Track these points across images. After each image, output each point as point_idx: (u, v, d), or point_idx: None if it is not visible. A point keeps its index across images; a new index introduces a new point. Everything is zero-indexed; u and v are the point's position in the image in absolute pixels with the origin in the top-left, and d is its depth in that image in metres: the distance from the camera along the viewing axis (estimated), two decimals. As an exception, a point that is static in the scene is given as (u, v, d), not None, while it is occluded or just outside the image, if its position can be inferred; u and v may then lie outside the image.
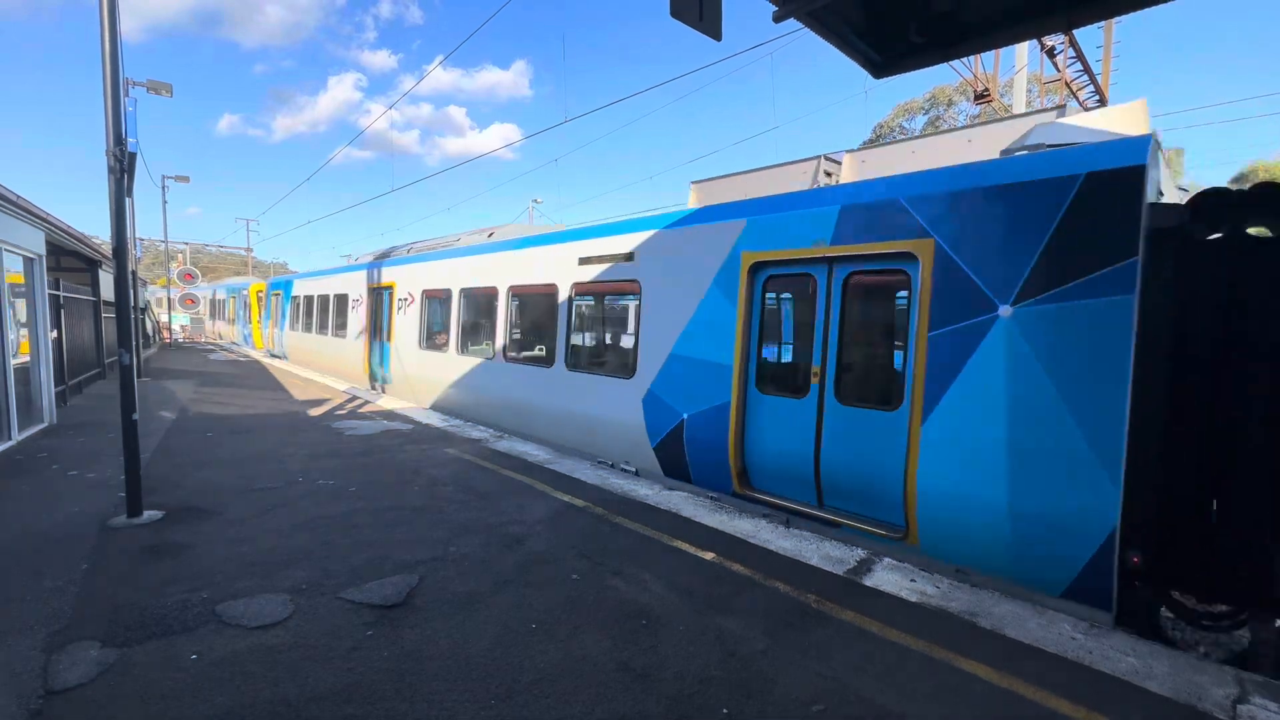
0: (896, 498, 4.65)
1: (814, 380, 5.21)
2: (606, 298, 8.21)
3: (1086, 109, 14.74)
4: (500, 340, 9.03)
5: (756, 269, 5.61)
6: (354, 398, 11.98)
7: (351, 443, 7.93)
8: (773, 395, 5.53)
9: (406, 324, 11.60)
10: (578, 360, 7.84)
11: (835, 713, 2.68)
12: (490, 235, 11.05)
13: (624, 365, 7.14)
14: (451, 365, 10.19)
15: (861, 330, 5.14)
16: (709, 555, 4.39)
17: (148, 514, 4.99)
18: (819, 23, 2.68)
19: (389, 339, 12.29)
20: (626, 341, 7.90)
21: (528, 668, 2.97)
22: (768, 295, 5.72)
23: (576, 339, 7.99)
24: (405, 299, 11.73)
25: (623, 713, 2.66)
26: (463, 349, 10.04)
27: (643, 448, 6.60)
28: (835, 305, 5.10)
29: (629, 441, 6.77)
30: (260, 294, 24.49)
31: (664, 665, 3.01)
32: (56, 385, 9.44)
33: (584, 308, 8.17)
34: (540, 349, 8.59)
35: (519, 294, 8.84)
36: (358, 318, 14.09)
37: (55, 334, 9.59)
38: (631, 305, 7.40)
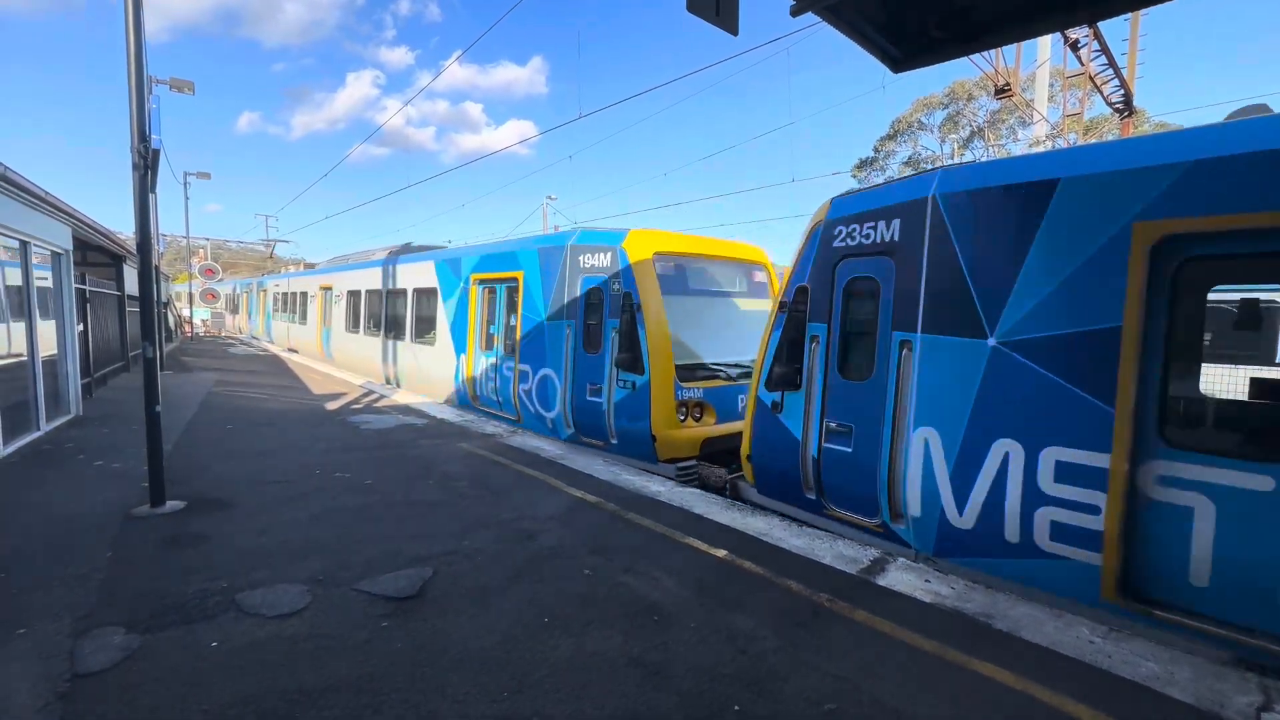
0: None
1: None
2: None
3: (1111, 104, 14.43)
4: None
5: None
6: (370, 392, 12.12)
7: (368, 437, 8.03)
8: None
9: None
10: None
11: (847, 713, 2.67)
12: None
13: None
14: None
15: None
16: (721, 553, 4.39)
17: (170, 504, 5.09)
18: (837, 17, 2.65)
19: None
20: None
21: (540, 662, 2.99)
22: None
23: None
24: None
25: (634, 708, 2.67)
26: None
27: None
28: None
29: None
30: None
31: (675, 662, 3.02)
32: (82, 378, 9.66)
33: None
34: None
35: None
36: None
37: (81, 328, 9.82)
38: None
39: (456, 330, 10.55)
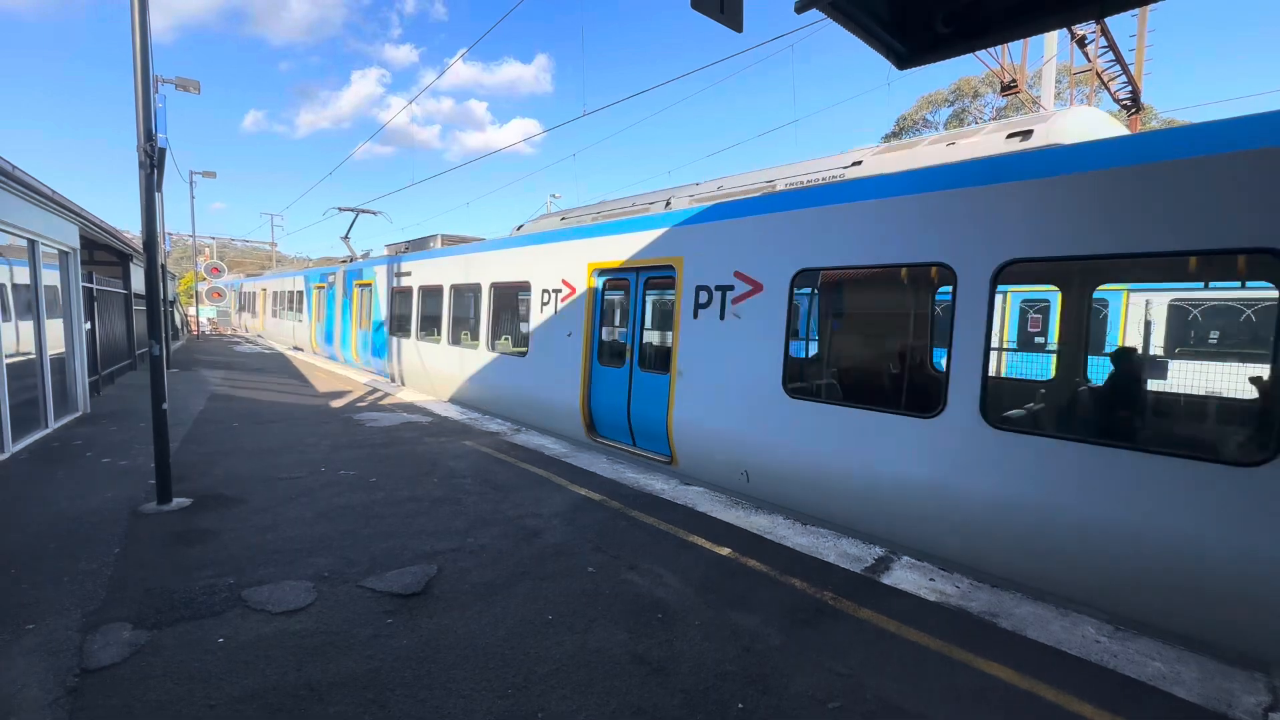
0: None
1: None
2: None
3: (1118, 101, 14.32)
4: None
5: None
6: (375, 389, 12.16)
7: (372, 434, 8.06)
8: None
9: None
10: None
11: (852, 710, 2.67)
12: None
13: None
14: None
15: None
16: (725, 551, 4.39)
17: (176, 501, 5.12)
18: (841, 13, 2.63)
19: None
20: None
21: (544, 658, 3.00)
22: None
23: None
24: None
25: (638, 705, 2.67)
26: None
27: None
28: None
29: None
30: None
31: (679, 659, 3.02)
32: (90, 375, 9.72)
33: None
34: None
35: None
36: None
37: (89, 326, 9.87)
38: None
39: None
